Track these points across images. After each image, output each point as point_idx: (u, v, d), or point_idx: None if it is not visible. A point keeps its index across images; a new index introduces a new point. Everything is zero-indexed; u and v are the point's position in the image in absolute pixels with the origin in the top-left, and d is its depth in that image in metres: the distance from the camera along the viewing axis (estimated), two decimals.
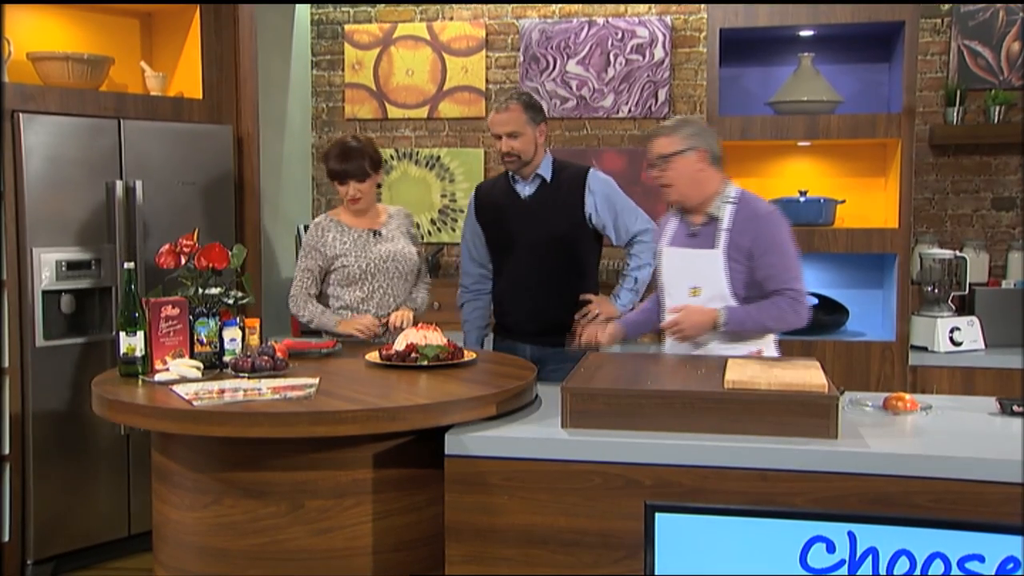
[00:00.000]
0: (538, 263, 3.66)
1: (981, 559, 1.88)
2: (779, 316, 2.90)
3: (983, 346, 4.27)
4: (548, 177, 3.66)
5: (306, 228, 4.90)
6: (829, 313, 4.36)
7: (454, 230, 5.02)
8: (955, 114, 4.49)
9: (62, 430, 3.86)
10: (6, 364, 3.73)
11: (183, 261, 2.94)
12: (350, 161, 3.44)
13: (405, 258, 3.52)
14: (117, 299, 3.96)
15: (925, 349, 4.23)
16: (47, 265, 3.80)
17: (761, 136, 4.23)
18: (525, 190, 3.69)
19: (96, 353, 3.96)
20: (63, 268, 3.84)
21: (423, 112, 5.01)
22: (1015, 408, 2.66)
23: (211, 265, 2.91)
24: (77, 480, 3.91)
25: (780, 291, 2.90)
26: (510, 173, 3.71)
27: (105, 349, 3.97)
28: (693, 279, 3.02)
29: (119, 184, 3.97)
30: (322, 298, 3.62)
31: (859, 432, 2.43)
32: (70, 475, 3.89)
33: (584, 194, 3.64)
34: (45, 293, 3.80)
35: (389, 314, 3.51)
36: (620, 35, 4.80)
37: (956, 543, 1.89)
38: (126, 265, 2.84)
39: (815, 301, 4.26)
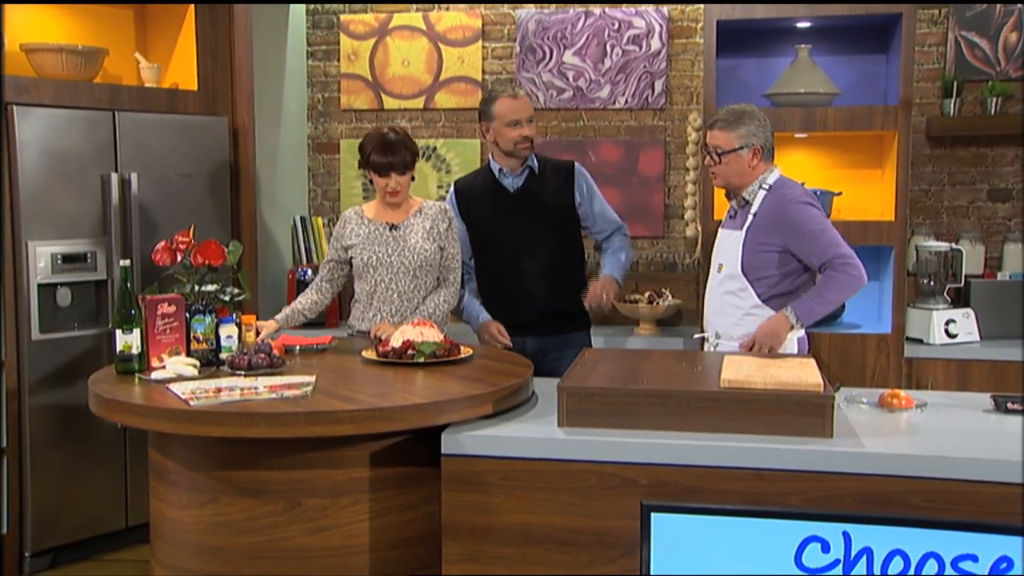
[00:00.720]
0: (535, 253, 3.71)
1: (975, 559, 1.89)
2: (839, 286, 3.04)
3: (978, 338, 4.27)
4: (536, 168, 3.75)
5: (302, 219, 4.92)
6: None
7: None
8: (952, 105, 4.49)
9: (59, 422, 3.86)
10: (3, 357, 3.73)
11: (179, 258, 2.94)
12: (394, 154, 3.38)
13: (414, 254, 3.43)
14: (113, 292, 3.95)
15: (921, 341, 4.24)
16: (42, 258, 3.79)
17: None
18: (513, 183, 3.76)
19: (92, 346, 3.96)
20: (59, 261, 3.84)
21: (419, 103, 5.00)
22: (1009, 405, 2.67)
23: (207, 262, 2.90)
24: (74, 472, 3.92)
25: (828, 262, 3.04)
26: (499, 167, 3.76)
27: (101, 342, 3.96)
28: (720, 256, 3.27)
29: (114, 177, 3.96)
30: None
31: (854, 431, 2.44)
32: (67, 467, 3.90)
33: (573, 184, 3.77)
34: (41, 286, 3.80)
35: (381, 321, 3.44)
36: (617, 26, 4.78)
37: (950, 543, 1.90)
38: (122, 263, 2.83)
39: None
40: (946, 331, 4.22)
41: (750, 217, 3.16)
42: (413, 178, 3.50)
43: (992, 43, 4.52)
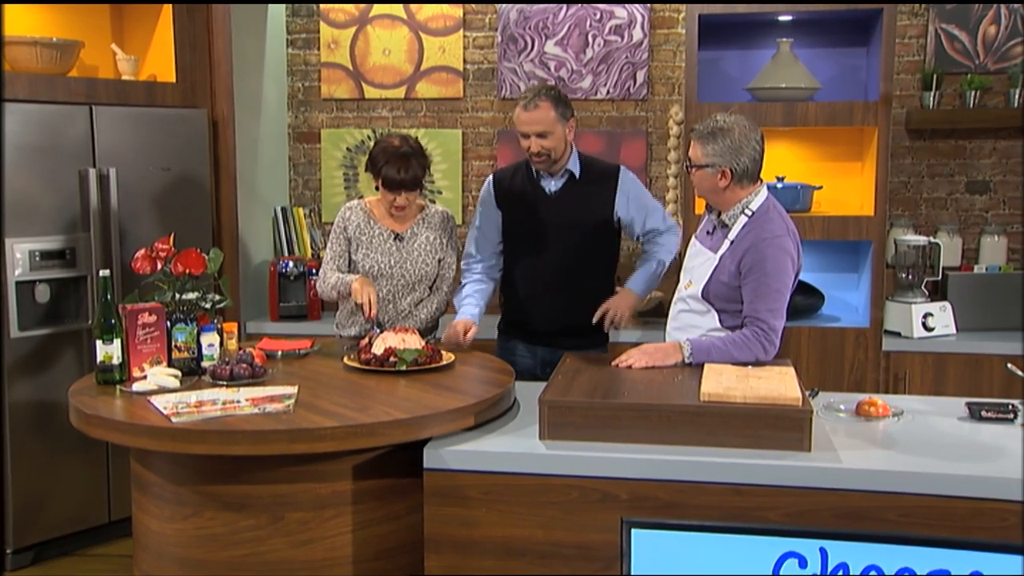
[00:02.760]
0: (563, 263, 3.51)
1: (947, 574, 1.94)
2: (746, 348, 2.86)
3: (955, 331, 4.32)
4: (577, 173, 3.52)
5: (283, 210, 4.90)
6: (806, 298, 4.40)
7: None
8: (931, 98, 4.50)
9: (39, 419, 3.85)
10: None
11: (159, 266, 2.92)
12: (407, 170, 3.27)
13: (416, 268, 3.43)
14: (93, 288, 3.93)
15: (898, 335, 4.27)
16: (20, 255, 3.76)
17: None
18: (551, 185, 3.52)
19: (72, 342, 3.95)
20: (37, 258, 3.81)
21: (400, 92, 4.96)
22: (984, 413, 2.71)
23: (187, 270, 2.89)
24: (56, 468, 3.92)
25: (752, 320, 2.87)
26: (536, 168, 3.52)
27: (81, 338, 3.95)
28: (691, 273, 3.09)
29: (92, 172, 3.92)
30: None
31: (832, 443, 2.47)
32: (49, 463, 3.90)
33: (616, 193, 3.53)
34: (19, 283, 3.77)
35: (379, 326, 3.35)
36: (598, 16, 4.75)
37: (924, 558, 1.96)
38: (102, 273, 2.81)
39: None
40: (924, 324, 4.26)
41: (727, 243, 2.96)
42: (422, 190, 3.43)
43: (971, 36, 4.53)
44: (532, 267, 3.55)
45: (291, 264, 4.66)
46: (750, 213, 2.96)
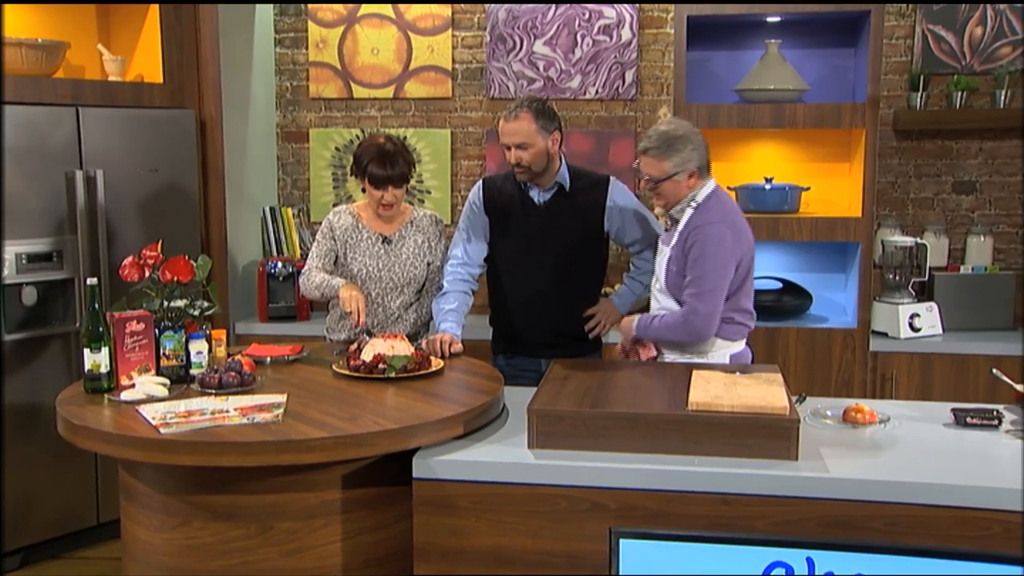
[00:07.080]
0: (554, 275, 3.49)
1: None
2: (677, 332, 3.07)
3: (941, 331, 4.35)
4: (566, 184, 3.49)
5: (272, 210, 4.88)
6: (794, 298, 4.42)
7: None
8: (919, 99, 4.51)
9: (27, 421, 3.84)
10: None
11: (147, 273, 2.91)
12: (393, 167, 3.30)
13: (404, 270, 3.44)
14: (81, 290, 3.92)
15: (885, 335, 4.30)
16: (7, 257, 3.75)
17: (728, 124, 4.24)
18: (540, 196, 3.51)
19: (61, 344, 3.94)
20: (23, 261, 3.80)
21: (389, 92, 4.95)
22: (968, 420, 2.73)
23: (176, 278, 2.88)
24: (43, 470, 3.91)
25: (687, 303, 3.04)
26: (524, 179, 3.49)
27: (69, 340, 3.94)
28: (657, 270, 3.26)
29: (79, 174, 3.91)
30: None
31: (819, 451, 2.48)
32: (37, 466, 3.89)
33: (606, 205, 3.51)
34: (5, 286, 3.76)
35: (369, 333, 3.36)
36: (587, 15, 4.75)
37: (910, 567, 1.97)
38: (89, 281, 2.80)
39: (770, 284, 4.36)
40: (911, 325, 4.29)
41: (676, 236, 3.10)
42: (408, 189, 3.44)
43: (958, 37, 4.54)
44: (525, 280, 3.52)
45: (280, 265, 4.65)
46: (695, 204, 3.10)
